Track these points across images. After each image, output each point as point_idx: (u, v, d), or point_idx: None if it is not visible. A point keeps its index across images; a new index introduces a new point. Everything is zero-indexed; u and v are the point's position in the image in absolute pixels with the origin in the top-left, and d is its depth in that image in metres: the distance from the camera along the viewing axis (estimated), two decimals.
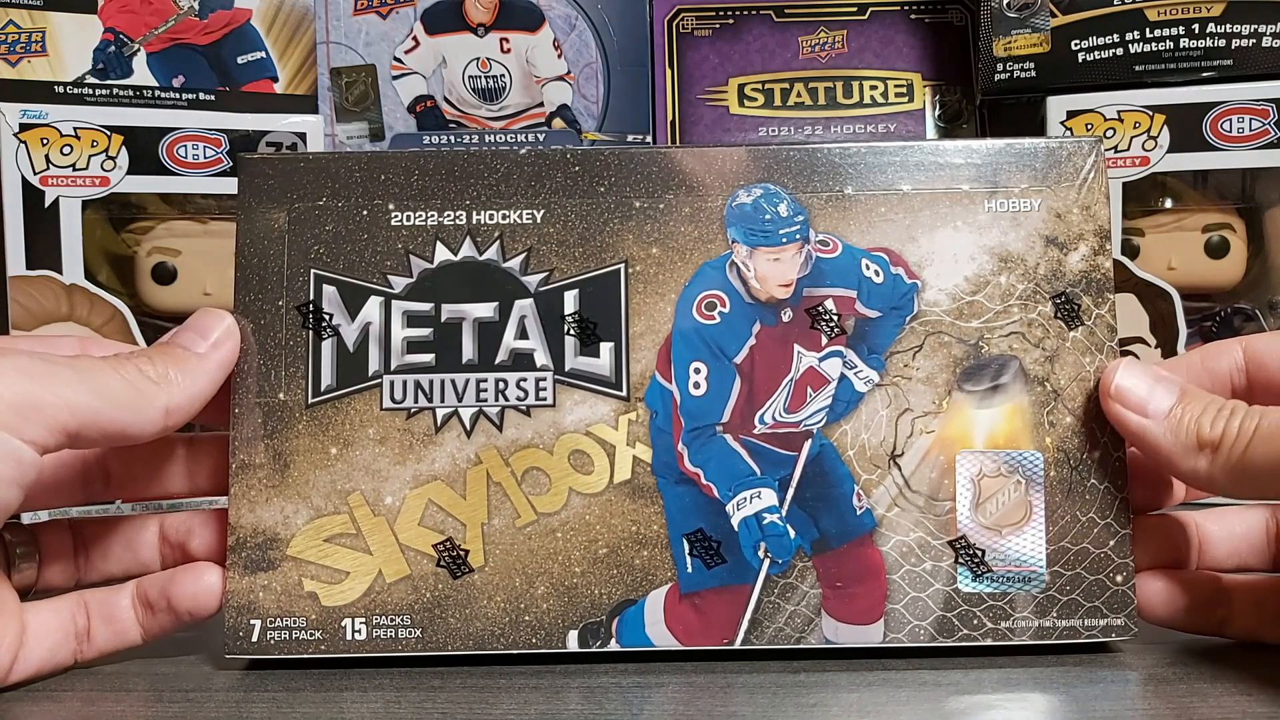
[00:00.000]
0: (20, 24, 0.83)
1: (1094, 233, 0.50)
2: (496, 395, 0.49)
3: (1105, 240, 0.50)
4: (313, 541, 0.49)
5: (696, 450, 0.49)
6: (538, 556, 0.49)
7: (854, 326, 0.50)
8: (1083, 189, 0.50)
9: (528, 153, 0.51)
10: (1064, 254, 0.50)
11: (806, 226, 0.50)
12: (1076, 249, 0.50)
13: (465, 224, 0.50)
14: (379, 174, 0.51)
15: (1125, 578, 0.48)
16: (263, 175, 0.51)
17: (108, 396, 0.44)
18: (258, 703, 0.45)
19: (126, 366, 0.45)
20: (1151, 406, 0.46)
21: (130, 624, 0.49)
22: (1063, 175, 0.50)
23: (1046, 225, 0.50)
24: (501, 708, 0.44)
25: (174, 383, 0.46)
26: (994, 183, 0.50)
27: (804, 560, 0.49)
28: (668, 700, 0.45)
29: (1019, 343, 0.50)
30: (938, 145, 0.50)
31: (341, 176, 0.51)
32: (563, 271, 0.50)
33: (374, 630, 0.48)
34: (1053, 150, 0.51)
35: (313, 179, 0.50)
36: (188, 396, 0.46)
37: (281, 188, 0.50)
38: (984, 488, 0.49)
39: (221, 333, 0.48)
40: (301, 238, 0.50)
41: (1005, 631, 0.48)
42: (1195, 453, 0.45)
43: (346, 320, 0.50)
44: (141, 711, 0.44)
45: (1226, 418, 0.44)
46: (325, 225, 0.50)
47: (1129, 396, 0.47)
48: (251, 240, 0.50)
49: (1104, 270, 0.50)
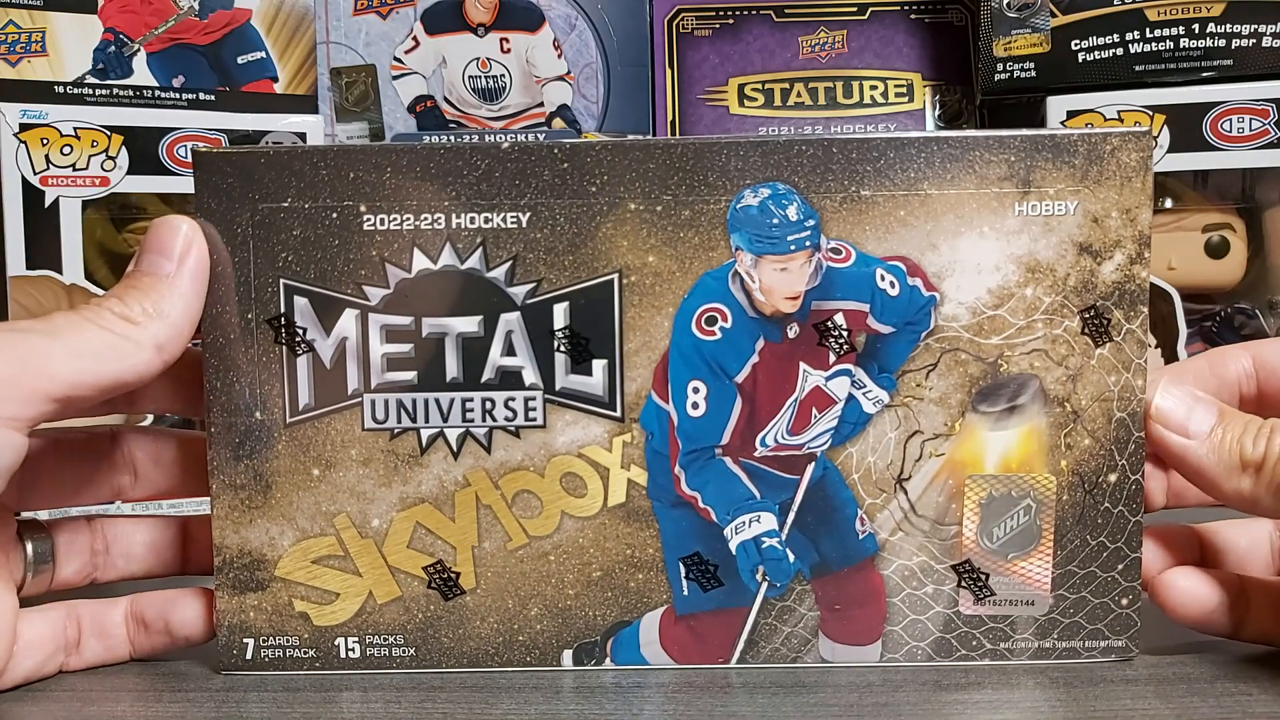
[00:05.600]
0: (20, 24, 0.80)
1: (1133, 239, 0.43)
2: (483, 415, 0.44)
3: (1145, 248, 0.43)
4: (301, 563, 0.45)
5: (694, 473, 0.44)
6: (530, 579, 0.45)
7: (865, 343, 0.44)
8: (1125, 189, 0.43)
9: (510, 146, 0.44)
10: (1097, 263, 0.43)
11: (818, 232, 0.43)
12: (1112, 257, 0.43)
13: (444, 228, 0.44)
14: (347, 171, 0.43)
15: (1130, 600, 0.44)
16: (220, 173, 0.43)
17: (89, 352, 0.40)
18: (257, 703, 0.43)
19: (100, 313, 0.41)
20: (1192, 427, 0.43)
21: (121, 640, 0.46)
22: (1104, 173, 0.43)
23: (1081, 231, 0.43)
24: (501, 708, 0.42)
25: (154, 315, 0.41)
26: (1027, 182, 0.43)
27: (802, 584, 0.45)
28: (667, 700, 0.43)
29: (1041, 361, 0.44)
30: (966, 136, 0.43)
31: (307, 174, 0.43)
32: (552, 282, 0.44)
33: (368, 649, 0.45)
34: (1095, 144, 0.43)
35: (275, 177, 0.43)
36: (174, 325, 0.42)
37: (243, 187, 0.43)
38: (992, 511, 0.44)
39: (183, 243, 0.43)
40: (267, 243, 0.44)
41: (1004, 652, 0.45)
42: (1239, 474, 0.42)
43: (321, 335, 0.44)
44: (141, 711, 0.42)
45: (1268, 436, 0.41)
46: (292, 230, 0.44)
47: (1170, 418, 0.43)
48: (213, 246, 0.44)
49: (1139, 281, 0.43)
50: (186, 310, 0.42)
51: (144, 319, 0.41)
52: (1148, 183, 0.43)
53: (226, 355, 0.44)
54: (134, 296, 0.41)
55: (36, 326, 0.40)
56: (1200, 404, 0.43)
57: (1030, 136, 0.43)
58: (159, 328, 0.41)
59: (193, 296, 0.43)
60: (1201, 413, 0.43)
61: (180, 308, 0.42)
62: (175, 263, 0.42)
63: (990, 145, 0.43)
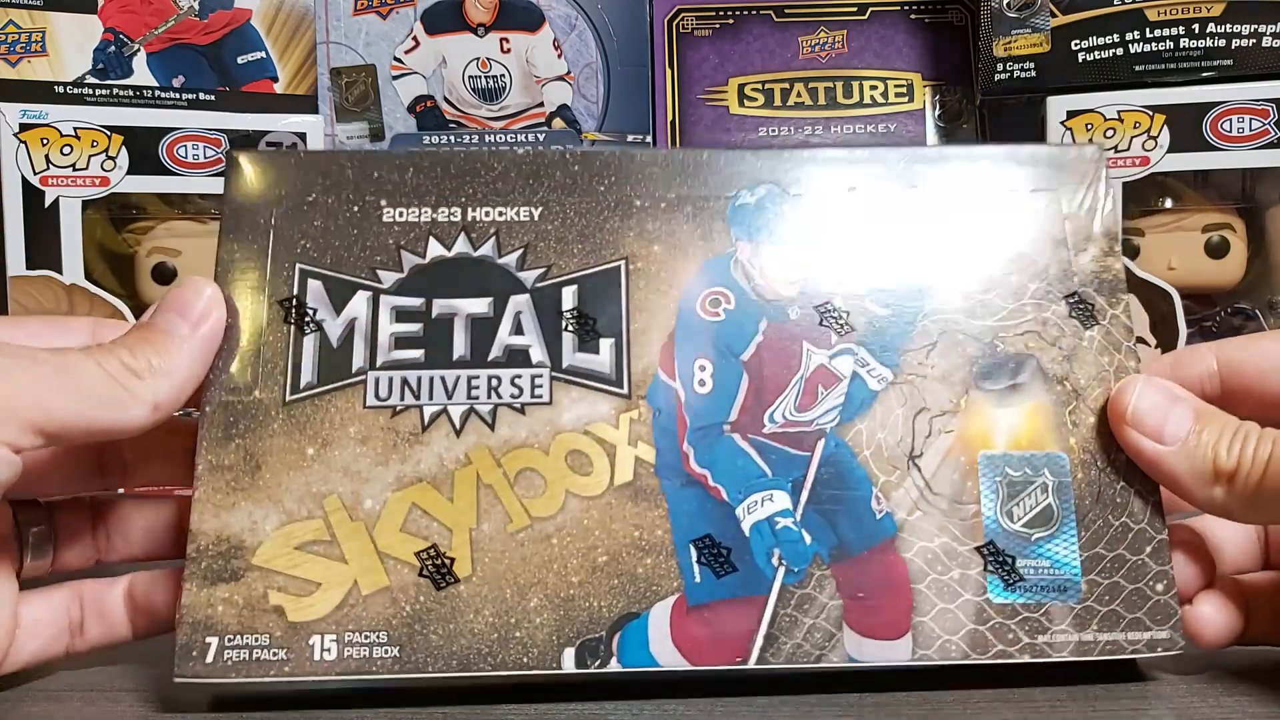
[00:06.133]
0: (20, 24, 0.80)
1: (1103, 235, 0.46)
2: (489, 392, 0.43)
3: (1114, 243, 0.46)
4: (282, 549, 0.42)
5: (703, 450, 0.43)
6: (531, 565, 0.42)
7: (865, 324, 0.45)
8: (1088, 193, 0.47)
9: (526, 152, 0.47)
10: (1074, 255, 0.46)
11: None
12: (1085, 250, 0.46)
13: (460, 220, 0.46)
14: (372, 171, 0.46)
15: (1166, 586, 0.42)
16: (253, 173, 0.46)
17: (88, 396, 0.39)
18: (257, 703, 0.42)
19: (109, 359, 0.40)
20: (1168, 431, 0.42)
21: (121, 620, 0.45)
22: (1068, 179, 0.47)
23: (1055, 227, 0.46)
24: (501, 708, 0.41)
25: (158, 373, 0.41)
26: (1000, 185, 0.47)
27: (821, 568, 0.42)
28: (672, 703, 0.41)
29: (1035, 341, 0.45)
30: (944, 150, 0.47)
31: (334, 173, 0.46)
32: (561, 268, 0.45)
33: (345, 649, 0.41)
34: (1056, 155, 0.48)
35: (304, 176, 0.46)
36: (174, 386, 0.41)
37: (272, 186, 0.46)
38: (1010, 490, 0.43)
39: (203, 308, 0.43)
40: (288, 232, 0.45)
41: (1043, 647, 0.42)
42: (1211, 483, 0.41)
43: (331, 315, 0.44)
44: (141, 711, 0.41)
45: (1241, 444, 0.40)
46: (314, 220, 0.45)
47: (1146, 421, 0.42)
48: (235, 234, 0.45)
49: (1114, 271, 0.46)
50: (191, 374, 0.42)
51: (149, 374, 0.41)
52: (1101, 189, 0.47)
53: (230, 336, 0.43)
54: (144, 350, 0.41)
55: (46, 358, 0.39)
56: (1178, 405, 0.42)
57: (1005, 149, 0.48)
58: (160, 385, 0.41)
59: (199, 363, 0.42)
60: (1179, 416, 0.42)
61: (185, 371, 0.42)
62: (191, 326, 0.42)
63: (969, 156, 0.48)
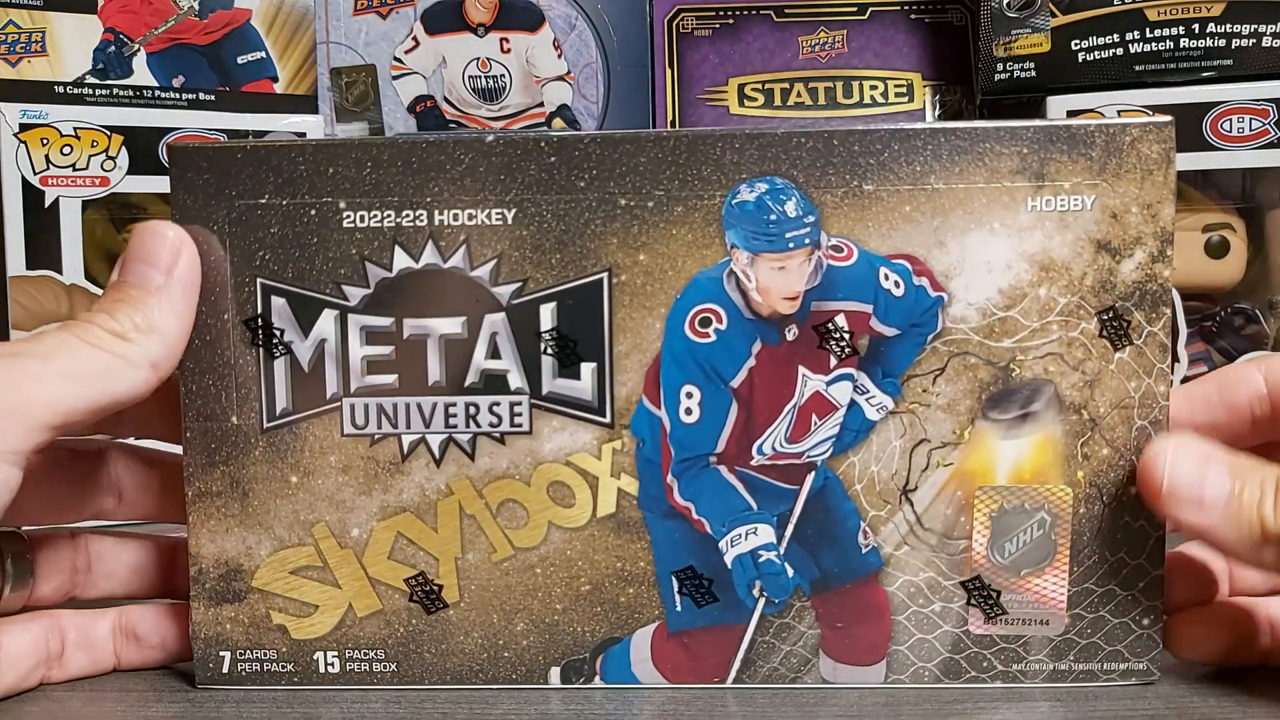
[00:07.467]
0: (20, 24, 0.78)
1: (1155, 236, 0.39)
2: (467, 421, 0.41)
3: (1167, 245, 0.40)
4: (278, 574, 0.42)
5: (688, 482, 0.41)
6: (516, 593, 0.41)
7: (868, 346, 0.41)
8: (1146, 183, 0.39)
9: (495, 140, 0.40)
10: (1116, 262, 0.40)
11: (818, 229, 0.40)
12: (1132, 255, 0.40)
13: (427, 225, 0.41)
14: (326, 167, 0.41)
15: (1152, 621, 0.41)
16: (196, 169, 0.41)
17: (84, 374, 0.37)
18: (258, 702, 0.41)
19: (90, 330, 0.38)
20: (1207, 497, 0.38)
21: (107, 653, 0.44)
22: (1124, 166, 0.39)
23: (1099, 228, 0.40)
24: (501, 708, 0.40)
25: (146, 331, 0.39)
26: (1040, 175, 0.40)
27: (802, 600, 0.41)
28: (666, 700, 0.41)
29: (1056, 365, 0.40)
30: (975, 127, 0.40)
31: (284, 170, 0.41)
32: (538, 281, 0.41)
33: (348, 664, 0.42)
34: (1114, 135, 0.39)
35: (253, 173, 0.41)
36: (167, 342, 0.39)
37: (219, 183, 0.41)
38: (1003, 525, 0.41)
39: (170, 250, 0.40)
40: (244, 241, 0.41)
41: (1016, 674, 0.41)
42: (1261, 546, 0.37)
43: (299, 336, 0.41)
44: (141, 711, 0.41)
45: None
46: (270, 227, 0.41)
47: (1184, 493, 0.38)
48: (200, 251, 0.41)
49: (1162, 280, 0.40)
50: (179, 324, 0.40)
51: (136, 335, 0.38)
52: (1170, 176, 0.39)
53: (202, 357, 0.41)
54: (123, 311, 0.39)
55: (28, 349, 0.37)
56: (1211, 466, 0.39)
57: (1044, 128, 0.40)
58: (152, 344, 0.39)
59: (184, 310, 0.40)
60: (1215, 478, 0.38)
61: (173, 322, 0.39)
62: (164, 273, 0.39)
63: (1001, 137, 0.40)
